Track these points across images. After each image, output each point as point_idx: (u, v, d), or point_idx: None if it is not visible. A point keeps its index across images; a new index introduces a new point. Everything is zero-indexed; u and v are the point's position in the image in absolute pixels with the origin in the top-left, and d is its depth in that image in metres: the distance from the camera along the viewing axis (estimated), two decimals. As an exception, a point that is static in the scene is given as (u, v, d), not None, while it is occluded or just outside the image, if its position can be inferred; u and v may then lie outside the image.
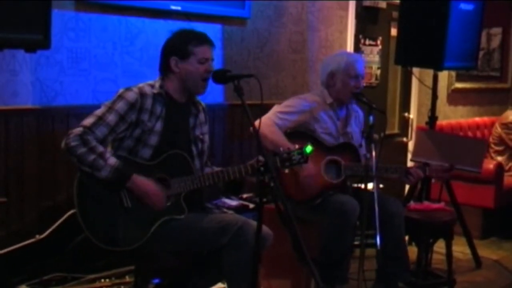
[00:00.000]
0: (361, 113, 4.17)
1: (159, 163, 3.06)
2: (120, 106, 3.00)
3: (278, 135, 3.77)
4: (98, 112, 3.00)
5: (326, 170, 3.87)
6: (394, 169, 3.92)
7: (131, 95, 3.03)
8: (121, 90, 3.07)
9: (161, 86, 3.13)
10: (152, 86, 3.12)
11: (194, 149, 3.23)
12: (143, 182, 2.98)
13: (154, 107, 3.07)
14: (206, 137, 3.33)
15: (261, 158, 2.74)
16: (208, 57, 3.13)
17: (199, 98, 3.33)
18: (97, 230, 2.93)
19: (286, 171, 3.17)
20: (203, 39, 3.14)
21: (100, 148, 2.92)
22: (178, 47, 3.12)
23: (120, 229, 2.96)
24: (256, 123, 3.71)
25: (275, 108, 3.92)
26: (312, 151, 3.15)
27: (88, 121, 2.97)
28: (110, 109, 3.00)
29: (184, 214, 3.07)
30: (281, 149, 3.18)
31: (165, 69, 3.16)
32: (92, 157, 2.88)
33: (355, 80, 3.92)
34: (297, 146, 3.17)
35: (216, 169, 3.25)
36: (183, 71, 3.12)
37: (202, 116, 3.31)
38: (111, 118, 2.98)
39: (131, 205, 2.98)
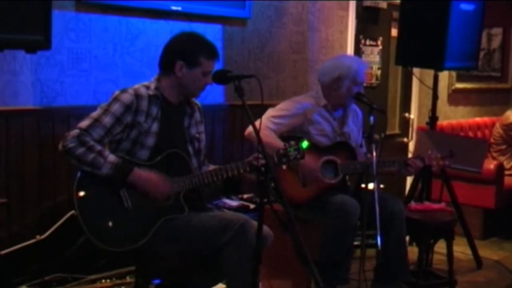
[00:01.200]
0: (359, 112, 4.17)
1: (157, 163, 3.06)
2: (116, 108, 3.01)
3: (271, 138, 3.75)
4: (94, 114, 3.01)
5: (323, 170, 3.87)
6: (392, 162, 3.93)
7: (127, 97, 3.03)
8: (116, 92, 3.07)
9: (156, 88, 3.13)
10: (148, 88, 3.12)
11: (190, 148, 3.23)
12: (145, 174, 2.99)
13: (150, 109, 3.08)
14: (203, 136, 3.33)
15: (258, 155, 2.74)
16: (212, 70, 3.14)
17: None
18: (98, 232, 2.93)
19: (284, 167, 3.16)
20: (214, 54, 3.14)
21: (98, 147, 2.93)
22: (189, 54, 3.10)
23: (120, 230, 2.96)
24: (250, 128, 3.76)
25: (269, 112, 3.91)
26: (308, 146, 3.14)
27: (84, 123, 2.98)
28: (106, 111, 3.00)
29: (185, 212, 3.07)
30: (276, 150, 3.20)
31: (166, 69, 3.15)
32: (91, 155, 2.89)
33: (359, 87, 3.93)
34: (293, 143, 3.16)
35: (214, 167, 3.25)
36: (186, 78, 3.11)
37: (197, 115, 3.32)
38: (107, 120, 2.98)
39: (131, 205, 2.98)
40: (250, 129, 3.80)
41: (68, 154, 2.91)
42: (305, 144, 3.12)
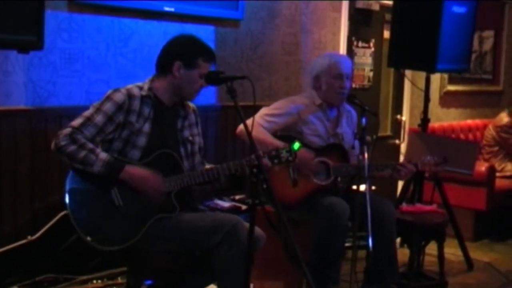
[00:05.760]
0: (354, 113, 4.17)
1: (149, 163, 3.07)
2: (108, 107, 3.02)
3: (265, 135, 3.77)
4: (86, 113, 3.03)
5: (315, 172, 3.87)
6: (385, 166, 3.94)
7: (119, 96, 3.05)
8: (109, 91, 3.09)
9: (150, 89, 3.14)
10: (141, 88, 3.13)
11: (182, 150, 3.23)
12: (137, 171, 3.00)
13: (142, 109, 3.09)
14: (197, 139, 3.33)
15: (253, 158, 2.75)
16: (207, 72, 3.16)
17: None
18: (89, 230, 2.93)
19: (276, 168, 3.17)
20: (212, 57, 3.17)
21: (90, 145, 2.94)
22: (188, 55, 3.12)
23: (112, 228, 2.97)
24: (242, 126, 3.75)
25: (263, 111, 3.92)
26: (299, 148, 3.15)
27: (77, 121, 2.99)
28: (98, 110, 3.02)
29: (176, 211, 3.08)
30: (269, 147, 3.20)
31: (163, 69, 3.16)
32: (83, 153, 2.90)
33: (339, 80, 3.92)
34: (285, 144, 3.19)
35: (209, 166, 3.25)
36: (183, 78, 3.12)
37: (192, 117, 3.32)
38: (99, 119, 3.00)
39: (122, 204, 2.99)
40: (241, 126, 3.81)
41: (60, 152, 2.92)
42: (296, 145, 3.12)
